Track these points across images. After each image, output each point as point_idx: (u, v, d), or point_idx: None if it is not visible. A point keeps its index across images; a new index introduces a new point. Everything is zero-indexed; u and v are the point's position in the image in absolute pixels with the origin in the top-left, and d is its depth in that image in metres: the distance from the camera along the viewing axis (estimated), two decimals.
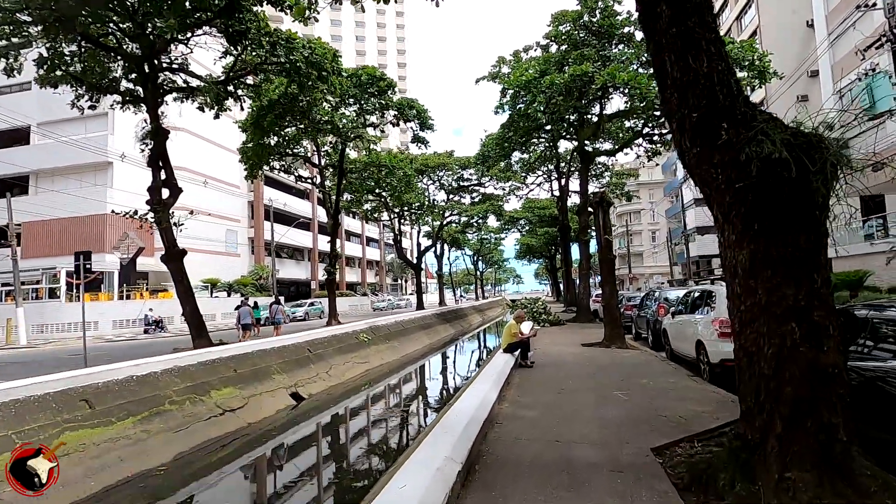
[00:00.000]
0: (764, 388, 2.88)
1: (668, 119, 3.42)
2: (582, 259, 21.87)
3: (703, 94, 2.97)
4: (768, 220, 2.84)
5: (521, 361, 8.70)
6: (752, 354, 2.97)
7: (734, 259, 3.00)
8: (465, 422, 4.08)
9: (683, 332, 8.48)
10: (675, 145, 3.37)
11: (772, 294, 2.83)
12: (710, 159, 3.01)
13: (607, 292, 12.06)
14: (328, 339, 18.63)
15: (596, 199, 12.25)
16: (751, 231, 2.88)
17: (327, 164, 26.28)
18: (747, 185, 2.85)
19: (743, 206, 2.90)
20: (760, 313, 2.88)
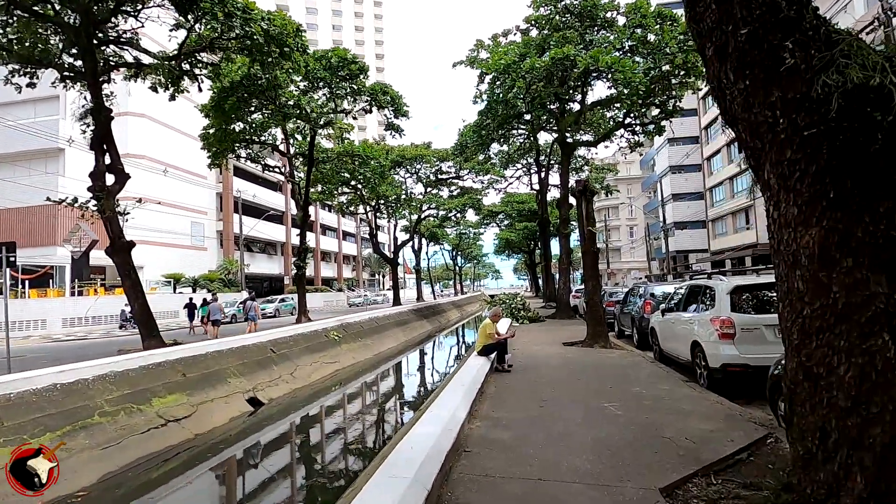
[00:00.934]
0: (837, 426, 2.01)
1: (700, 43, 2.49)
2: (562, 253, 21.14)
3: None
4: (852, 184, 1.96)
5: (498, 365, 7.79)
6: (819, 377, 2.10)
7: (795, 242, 2.11)
8: (422, 458, 3.11)
9: (676, 332, 7.70)
10: (710, 81, 2.48)
11: (854, 293, 1.95)
12: (764, 96, 2.11)
13: (590, 288, 11.25)
14: (294, 337, 17.48)
15: (579, 187, 11.40)
16: (824, 200, 2.00)
17: (297, 153, 24.93)
18: (822, 133, 1.96)
19: (814, 164, 2.01)
20: (836, 320, 2.00)
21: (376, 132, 75.44)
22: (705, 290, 6.98)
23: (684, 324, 7.37)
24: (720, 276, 6.77)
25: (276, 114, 19.43)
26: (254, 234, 41.24)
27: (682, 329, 7.51)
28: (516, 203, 49.69)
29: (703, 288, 7.06)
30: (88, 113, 13.64)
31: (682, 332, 7.51)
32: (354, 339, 21.25)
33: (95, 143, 13.80)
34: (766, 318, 5.92)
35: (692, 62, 16.88)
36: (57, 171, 28.08)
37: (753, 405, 5.88)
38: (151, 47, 16.94)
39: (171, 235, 32.68)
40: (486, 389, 6.27)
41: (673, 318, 7.94)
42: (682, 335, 7.50)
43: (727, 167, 38.97)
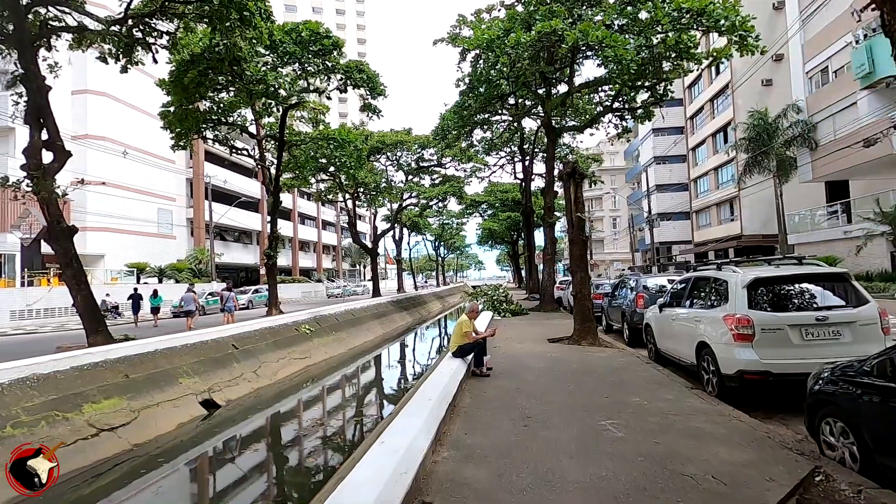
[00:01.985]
0: None
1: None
2: (547, 243, 20.22)
3: None
4: None
5: (475, 369, 6.77)
6: None
7: None
8: None
9: (676, 331, 6.78)
10: None
11: None
12: None
13: (578, 280, 10.29)
14: (261, 332, 16.24)
15: (567, 169, 10.39)
16: None
17: (268, 136, 23.45)
18: None
19: None
20: None
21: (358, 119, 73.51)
22: (714, 283, 6.03)
23: (687, 321, 6.44)
24: (732, 266, 5.83)
25: (240, 91, 17.98)
26: (227, 223, 39.51)
27: (684, 327, 6.58)
28: (500, 192, 48.77)
29: (711, 280, 6.12)
30: (18, 80, 12.11)
31: (684, 331, 6.58)
32: (328, 332, 20.09)
33: (30, 116, 12.31)
34: (791, 317, 5.00)
35: (685, 43, 15.99)
36: (7, 152, 26.07)
37: (774, 420, 4.97)
38: (100, 13, 15.35)
39: (135, 222, 30.88)
40: (459, 402, 5.24)
41: (673, 315, 7.02)
42: (684, 334, 6.57)
43: (712, 157, 38.54)
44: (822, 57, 22.98)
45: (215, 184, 35.43)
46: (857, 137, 20.01)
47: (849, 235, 18.70)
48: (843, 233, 19.18)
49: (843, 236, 20.64)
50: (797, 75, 24.87)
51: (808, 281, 5.26)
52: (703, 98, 39.52)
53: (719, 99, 36.92)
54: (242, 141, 26.29)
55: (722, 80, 36.23)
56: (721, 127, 36.53)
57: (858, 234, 19.78)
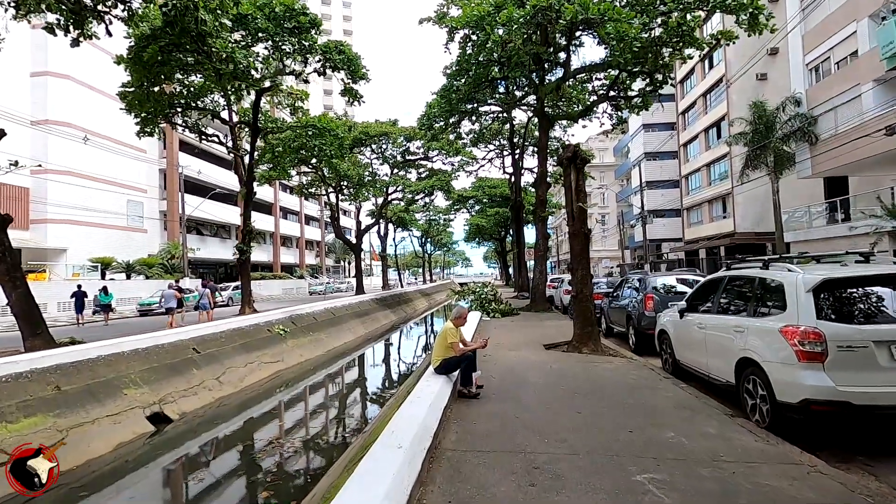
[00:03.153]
0: None
1: None
2: (538, 238, 19.03)
3: None
4: None
5: (462, 388, 5.52)
6: None
7: None
8: None
9: (707, 342, 5.59)
10: None
11: None
12: None
13: (579, 278, 9.08)
14: (228, 333, 14.83)
15: (568, 153, 9.16)
16: None
17: (241, 122, 21.89)
18: None
19: None
20: None
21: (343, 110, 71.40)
22: (760, 285, 4.85)
23: (722, 332, 5.24)
24: (786, 263, 4.65)
25: (206, 69, 16.44)
26: (204, 216, 37.70)
27: (717, 338, 5.38)
28: (488, 188, 47.60)
29: (756, 281, 4.94)
30: None
31: (716, 343, 5.39)
32: (304, 333, 18.73)
33: None
34: (880, 331, 3.82)
35: (688, 25, 14.90)
36: None
37: (854, 464, 3.79)
38: None
39: (102, 215, 29.03)
40: (441, 440, 3.97)
41: (699, 322, 5.83)
42: (716, 347, 5.38)
43: (704, 153, 37.77)
44: (824, 48, 22.09)
45: (190, 175, 33.66)
46: (862, 131, 19.15)
47: (854, 232, 17.82)
48: (849, 229, 18.29)
49: (847, 233, 19.80)
50: (797, 66, 23.99)
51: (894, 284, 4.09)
52: (695, 93, 38.72)
53: (712, 94, 36.12)
54: (215, 128, 24.63)
55: (715, 74, 35.43)
56: (714, 122, 35.74)
57: (862, 232, 18.96)
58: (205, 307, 19.08)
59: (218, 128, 25.76)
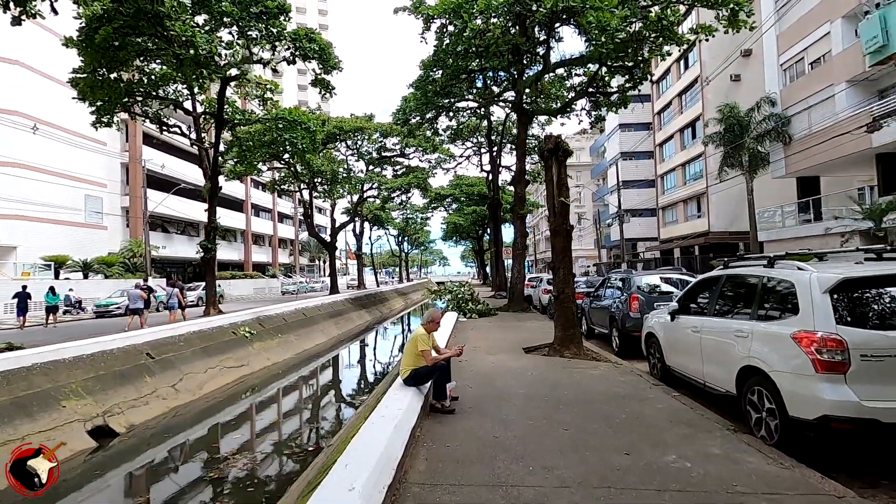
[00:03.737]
0: None
1: None
2: (517, 236, 18.56)
3: None
4: None
5: (435, 401, 4.90)
6: None
7: None
8: None
9: (701, 347, 5.10)
10: None
11: None
12: None
13: (561, 277, 8.56)
14: (187, 336, 13.84)
15: (549, 145, 8.63)
16: None
17: (206, 113, 20.78)
18: None
19: None
20: None
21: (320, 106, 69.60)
22: (765, 286, 4.38)
23: (721, 336, 4.75)
24: (795, 262, 4.17)
25: (166, 54, 15.40)
26: (170, 213, 36.09)
27: (715, 344, 4.89)
28: (465, 186, 47.13)
29: (760, 281, 4.46)
30: None
31: (715, 349, 4.90)
32: (273, 335, 17.81)
33: None
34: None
35: (668, 19, 14.61)
36: None
37: (881, 491, 3.31)
38: None
39: (57, 210, 27.34)
40: (408, 469, 3.34)
41: (693, 325, 5.35)
42: (715, 353, 4.89)
43: (680, 153, 38.06)
44: (798, 48, 22.27)
45: (154, 169, 32.13)
46: (835, 131, 19.31)
47: (829, 232, 17.91)
48: (825, 229, 18.39)
49: (820, 233, 19.96)
50: (771, 67, 24.17)
51: None
52: (671, 93, 38.99)
53: (688, 94, 36.40)
54: (179, 119, 23.38)
55: (690, 74, 35.69)
56: (689, 122, 36.02)
57: (835, 231, 19.11)
58: (173, 307, 18.19)
59: (183, 119, 24.46)
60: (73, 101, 17.10)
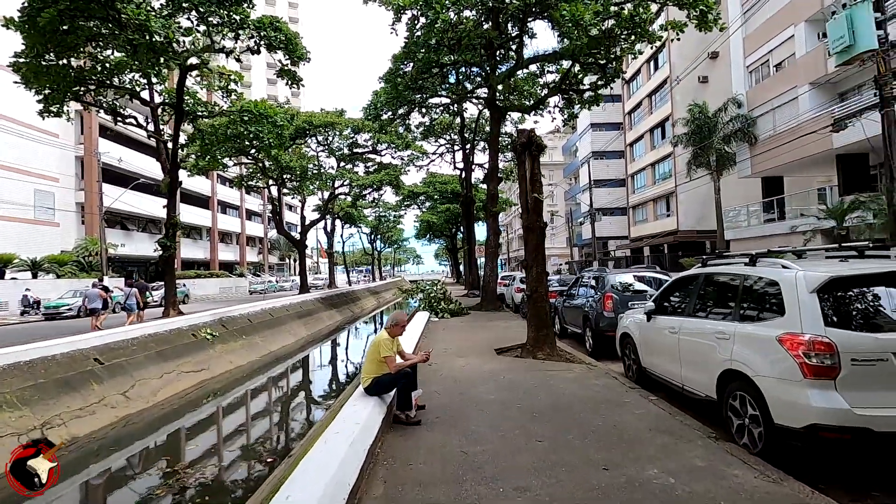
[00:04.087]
0: None
1: None
2: (489, 234, 18.30)
3: None
4: None
5: (399, 412, 4.51)
6: None
7: None
8: None
9: (679, 349, 4.87)
10: None
11: None
12: None
13: (534, 275, 8.29)
14: (141, 340, 13.02)
15: (522, 139, 8.33)
16: None
17: (164, 104, 19.75)
18: None
19: None
20: None
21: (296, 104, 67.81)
22: (748, 284, 4.16)
23: (701, 337, 4.53)
24: (780, 260, 3.96)
25: (119, 39, 14.46)
26: (130, 209, 34.49)
27: (694, 346, 4.66)
28: (439, 184, 46.75)
29: (741, 279, 4.25)
30: None
31: (694, 351, 4.67)
32: (236, 337, 17.06)
33: None
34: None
35: (641, 17, 14.56)
36: None
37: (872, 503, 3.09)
38: None
39: (2, 206, 25.65)
40: (363, 495, 2.94)
41: (671, 326, 5.12)
42: (694, 355, 4.66)
43: (650, 153, 38.63)
44: (764, 50, 22.74)
45: (110, 163, 30.60)
46: (799, 132, 19.77)
47: (795, 231, 18.30)
48: (790, 228, 18.78)
49: (784, 231, 20.40)
50: (738, 68, 24.65)
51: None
52: (641, 93, 39.53)
53: (657, 94, 36.95)
54: (136, 109, 22.17)
55: (660, 75, 36.23)
56: (659, 122, 36.57)
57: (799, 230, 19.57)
58: (132, 308, 17.25)
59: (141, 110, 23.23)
60: (18, 87, 15.92)
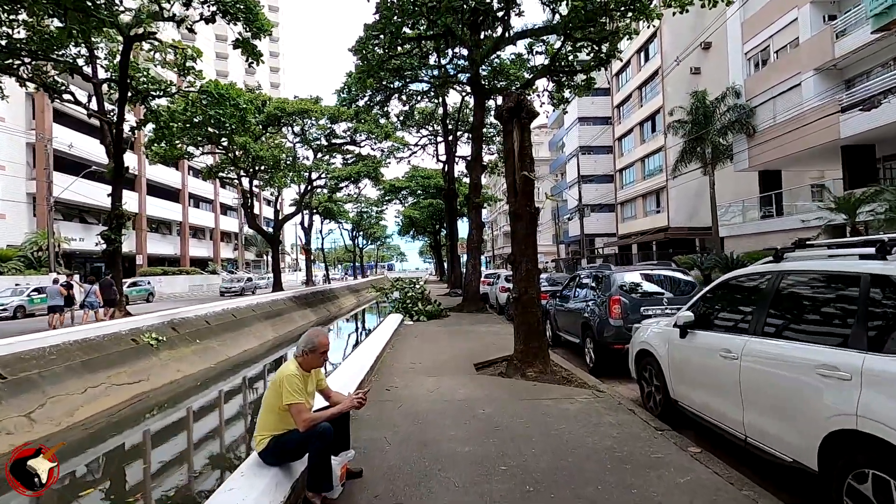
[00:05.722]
0: None
1: None
2: (472, 229, 16.64)
3: None
4: None
5: (311, 496, 2.79)
6: None
7: None
8: None
9: (744, 384, 3.22)
10: None
11: None
12: None
13: (523, 272, 6.65)
14: (63, 347, 11.01)
15: (510, 102, 6.66)
16: None
17: (110, 80, 17.65)
18: None
19: None
20: None
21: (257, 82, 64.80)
22: (877, 291, 2.55)
23: (790, 370, 2.87)
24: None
25: (47, 1, 12.44)
26: (88, 201, 32.02)
27: (772, 381, 2.98)
28: (421, 178, 45.04)
29: (864, 281, 2.61)
30: None
31: (772, 390, 3.00)
32: (188, 341, 15.11)
33: None
34: None
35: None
36: None
37: None
38: None
39: None
40: None
41: (729, 347, 3.45)
42: (772, 397, 2.99)
43: (639, 147, 37.39)
44: (764, 36, 21.46)
45: (61, 149, 28.21)
46: (801, 122, 18.51)
47: (806, 225, 17.01)
48: (801, 221, 17.50)
49: (786, 228, 19.15)
50: (735, 55, 23.36)
51: None
52: (630, 86, 38.25)
53: (648, 86, 35.69)
54: (84, 88, 19.99)
55: (651, 66, 34.96)
56: (649, 115, 35.31)
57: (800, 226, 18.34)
58: (92, 305, 15.91)
59: (86, 87, 21.00)
60: None
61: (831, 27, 17.67)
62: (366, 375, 5.59)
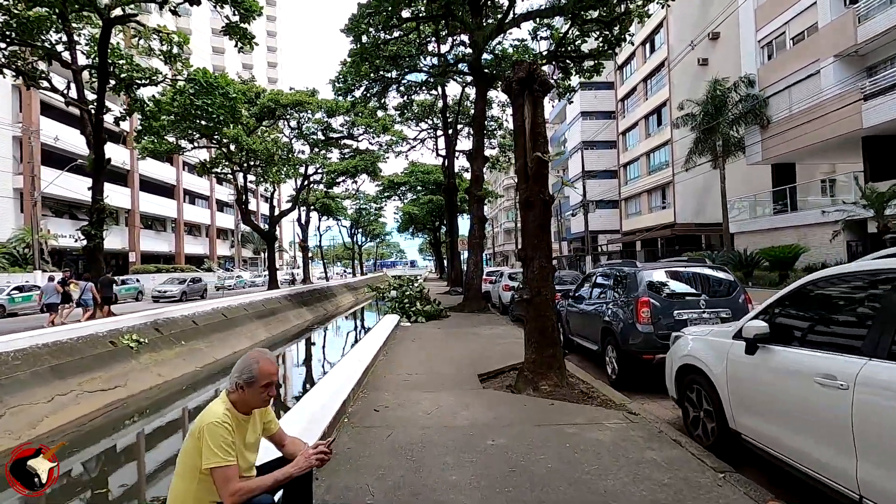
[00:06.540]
0: None
1: None
2: (473, 224, 15.71)
3: None
4: None
5: None
6: None
7: None
8: None
9: (851, 423, 2.36)
10: None
11: None
12: None
13: (535, 269, 5.72)
14: (31, 351, 10.08)
15: (521, 73, 5.71)
16: None
17: (90, 66, 16.69)
18: None
19: None
20: None
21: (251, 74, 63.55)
22: None
23: None
24: None
25: None
26: (79, 198, 31.00)
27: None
28: (421, 174, 44.06)
29: None
30: None
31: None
32: (172, 343, 14.21)
33: None
34: None
35: None
36: None
37: None
38: None
39: None
40: None
41: (832, 372, 2.47)
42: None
43: (644, 141, 36.39)
44: (779, 22, 20.48)
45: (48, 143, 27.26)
46: (820, 111, 17.58)
47: (827, 219, 16.10)
48: (822, 213, 16.59)
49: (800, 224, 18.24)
50: (748, 43, 22.37)
51: None
52: (635, 78, 37.23)
53: (653, 79, 34.68)
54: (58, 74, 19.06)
55: (656, 58, 33.95)
56: (655, 108, 34.30)
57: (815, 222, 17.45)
58: (86, 303, 15.39)
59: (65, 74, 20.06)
60: None
61: (854, 10, 16.71)
62: (343, 402, 4.64)
